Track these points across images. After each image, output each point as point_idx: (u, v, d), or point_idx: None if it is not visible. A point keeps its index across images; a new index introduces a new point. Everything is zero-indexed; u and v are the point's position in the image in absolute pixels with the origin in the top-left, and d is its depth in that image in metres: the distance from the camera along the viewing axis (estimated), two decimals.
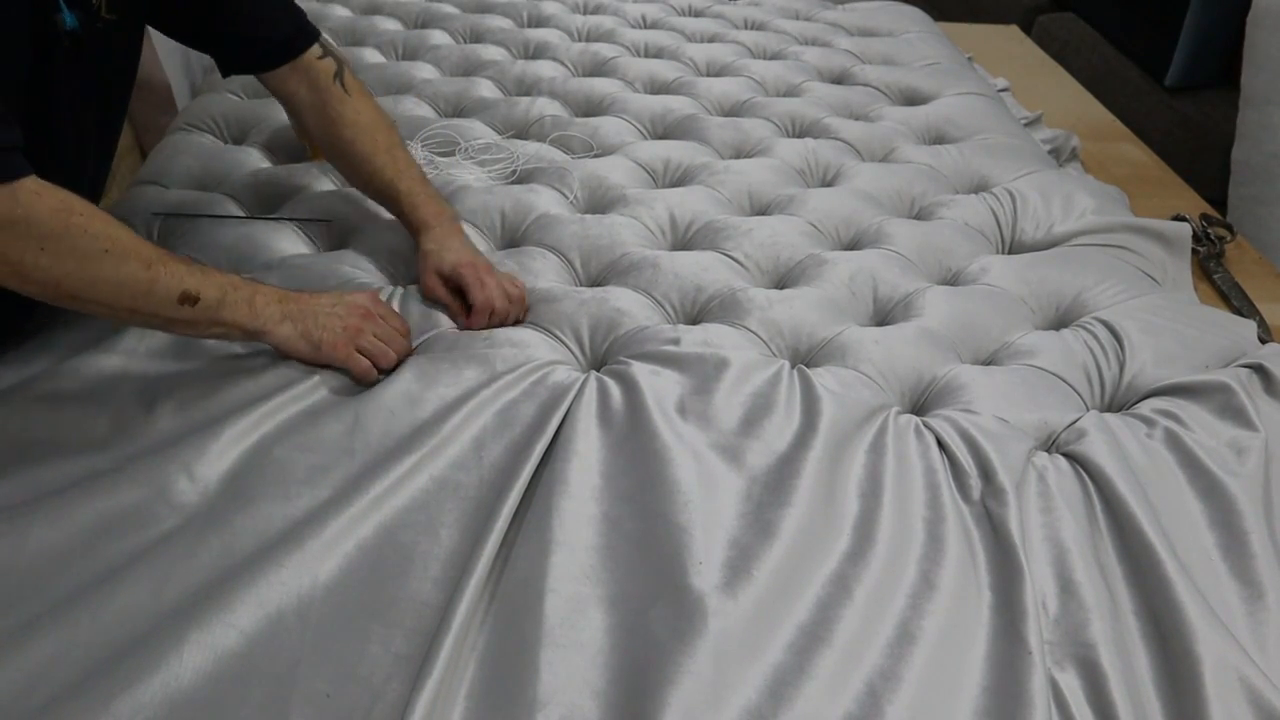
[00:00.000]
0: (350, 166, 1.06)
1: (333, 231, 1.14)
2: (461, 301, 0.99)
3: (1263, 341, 1.03)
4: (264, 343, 0.86)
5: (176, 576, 0.69)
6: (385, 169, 1.03)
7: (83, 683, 0.62)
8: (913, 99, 1.60)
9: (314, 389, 0.87)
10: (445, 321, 0.98)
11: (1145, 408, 0.91)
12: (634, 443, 0.81)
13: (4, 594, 0.68)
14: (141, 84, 1.49)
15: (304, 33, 1.02)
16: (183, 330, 0.82)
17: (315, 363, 0.88)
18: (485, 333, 0.95)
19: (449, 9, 1.83)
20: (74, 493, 0.74)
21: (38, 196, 0.71)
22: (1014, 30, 2.24)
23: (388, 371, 0.90)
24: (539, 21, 1.82)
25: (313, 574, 0.69)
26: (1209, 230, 1.32)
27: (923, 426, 0.87)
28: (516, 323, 0.99)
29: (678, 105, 1.47)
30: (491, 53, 1.63)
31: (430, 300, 1.00)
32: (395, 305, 0.99)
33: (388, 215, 1.17)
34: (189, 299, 0.78)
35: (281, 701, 0.62)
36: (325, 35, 1.05)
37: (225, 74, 1.06)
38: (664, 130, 1.44)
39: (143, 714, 0.60)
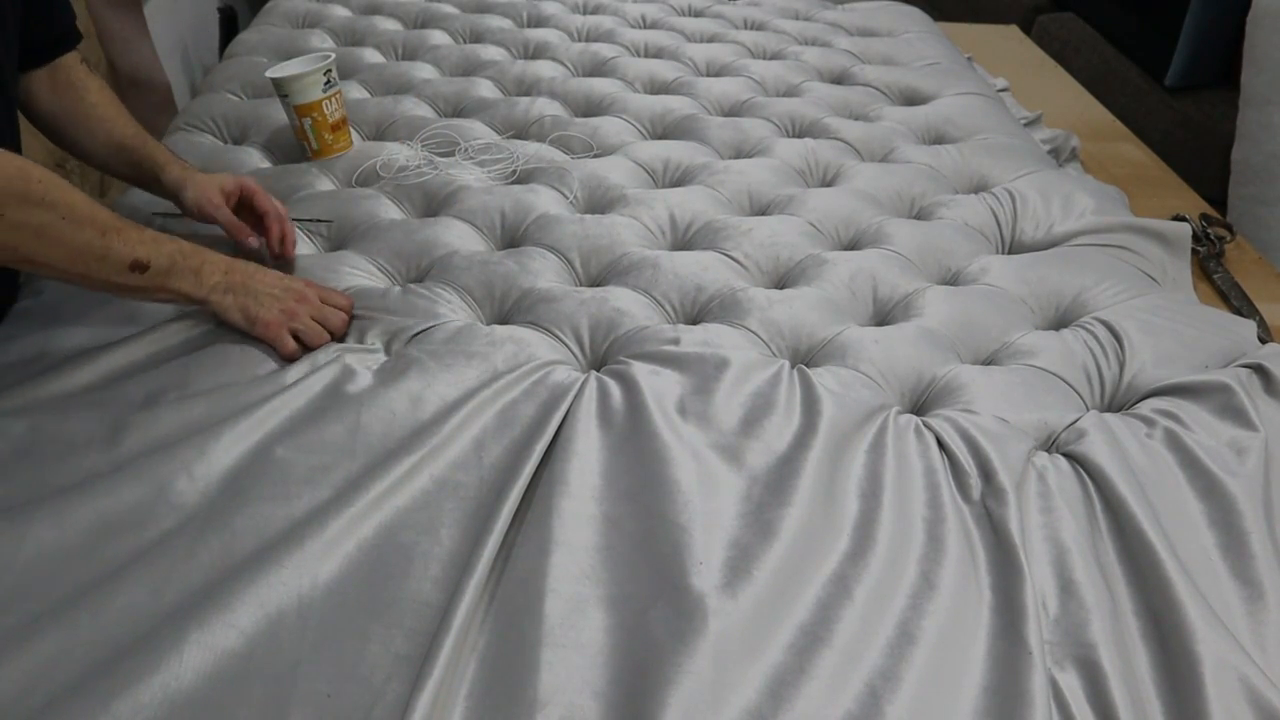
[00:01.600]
0: (90, 130, 1.02)
1: (333, 231, 1.14)
2: (249, 221, 1.03)
3: (1263, 341, 1.03)
4: (206, 310, 0.91)
5: (176, 576, 0.69)
6: (128, 127, 1.03)
7: (83, 683, 0.62)
8: (912, 99, 1.60)
9: (315, 389, 0.87)
10: (445, 312, 0.98)
11: (1145, 408, 0.91)
12: (634, 443, 0.81)
13: (4, 594, 0.68)
14: (141, 84, 1.50)
15: (74, 35, 1.03)
16: (130, 296, 0.85)
17: (248, 333, 0.92)
18: (486, 329, 0.95)
19: (449, 9, 1.83)
20: (74, 493, 0.74)
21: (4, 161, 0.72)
22: (1014, 30, 2.24)
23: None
24: (539, 21, 1.82)
25: (313, 574, 0.69)
26: (1209, 230, 1.32)
27: (923, 426, 0.87)
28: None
29: (678, 105, 1.48)
30: (491, 53, 1.63)
31: (211, 219, 1.03)
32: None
33: (389, 215, 1.17)
34: (139, 266, 0.82)
35: (281, 701, 0.62)
36: None
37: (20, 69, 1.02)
38: (664, 130, 1.44)
39: (143, 714, 0.60)
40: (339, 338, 0.95)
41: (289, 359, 0.91)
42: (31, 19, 0.94)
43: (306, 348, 0.92)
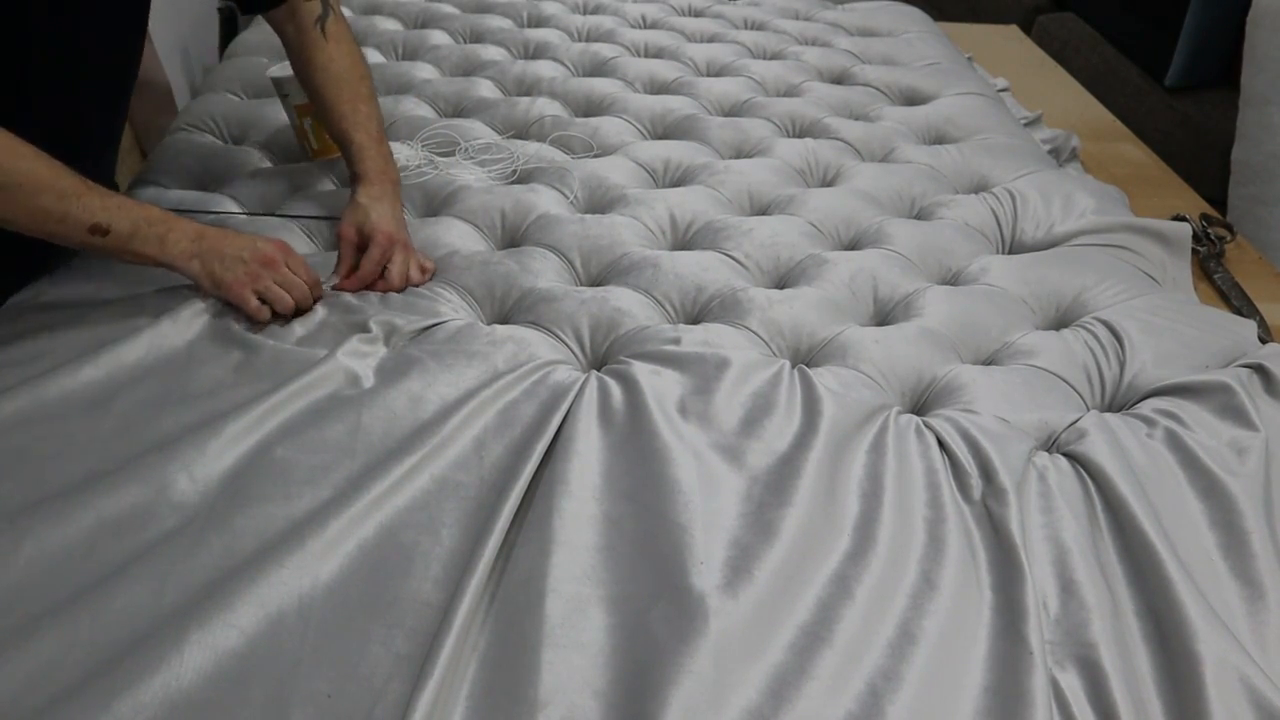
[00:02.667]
0: (320, 110, 1.10)
1: (333, 231, 1.14)
2: (356, 262, 1.03)
3: (1263, 341, 1.03)
4: (173, 272, 0.92)
5: (177, 576, 0.69)
6: (344, 118, 1.07)
7: (83, 683, 0.62)
8: (913, 99, 1.60)
9: (316, 388, 0.87)
10: (446, 312, 0.98)
11: (1146, 408, 0.91)
12: (635, 442, 0.81)
13: (4, 594, 0.68)
14: (142, 84, 1.50)
15: None
16: (99, 255, 0.88)
17: (215, 296, 0.94)
18: (487, 329, 0.95)
19: (449, 9, 1.83)
20: (74, 493, 0.74)
21: None
22: (1014, 30, 2.24)
23: (286, 318, 0.95)
24: (539, 21, 1.82)
25: (314, 574, 0.69)
26: (1209, 230, 1.32)
27: (923, 426, 0.87)
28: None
29: (678, 105, 1.47)
30: (491, 53, 1.63)
31: (336, 242, 1.05)
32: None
33: None
34: (100, 230, 0.84)
35: (282, 701, 0.62)
36: None
37: (247, 13, 1.13)
38: (664, 130, 1.44)
39: (143, 714, 0.60)
40: (303, 309, 0.96)
41: (254, 319, 0.93)
42: None
43: (274, 312, 0.94)
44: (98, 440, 0.81)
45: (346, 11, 1.78)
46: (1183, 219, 1.30)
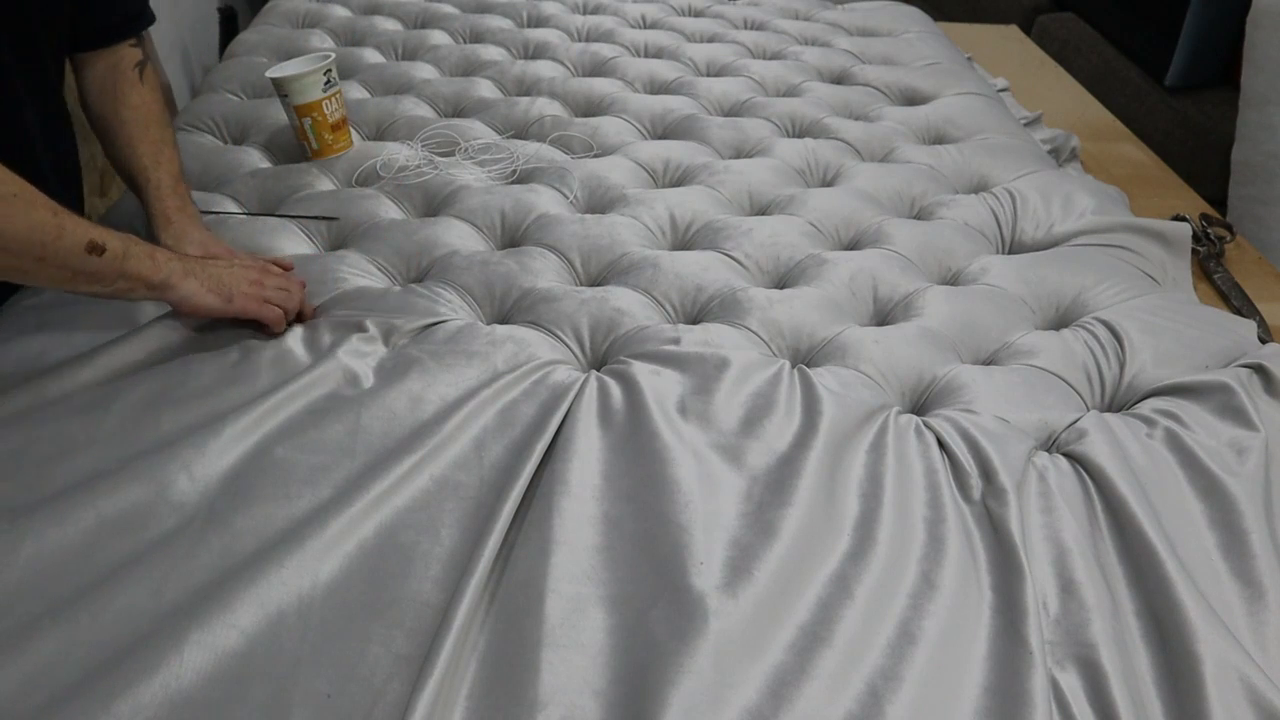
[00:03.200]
0: (114, 147, 1.05)
1: (333, 231, 1.14)
2: None
3: (1263, 341, 1.03)
4: (166, 299, 0.87)
5: (177, 576, 0.69)
6: (146, 156, 1.03)
7: (83, 683, 0.62)
8: (913, 99, 1.60)
9: (315, 388, 0.87)
10: (445, 311, 0.98)
11: (1145, 407, 0.91)
12: (634, 442, 0.81)
13: (4, 594, 0.68)
14: None
15: (144, 16, 1.06)
16: (87, 285, 0.82)
17: (226, 315, 0.90)
18: (486, 329, 0.95)
19: (449, 9, 1.83)
20: (74, 492, 0.74)
21: None
22: (1014, 30, 2.24)
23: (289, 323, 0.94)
24: (539, 21, 1.82)
25: (313, 574, 0.69)
26: (1209, 230, 1.32)
27: (923, 426, 0.87)
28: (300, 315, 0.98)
29: (678, 105, 1.48)
30: (491, 53, 1.63)
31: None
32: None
33: (389, 215, 1.17)
34: (96, 248, 0.79)
35: (282, 701, 0.62)
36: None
37: (71, 51, 1.05)
38: (664, 130, 1.44)
39: (143, 714, 0.60)
40: (302, 314, 0.96)
41: (276, 328, 0.92)
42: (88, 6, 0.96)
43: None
44: (97, 440, 0.81)
45: (345, 12, 1.79)
46: (1183, 219, 1.30)
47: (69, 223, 0.79)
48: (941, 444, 0.85)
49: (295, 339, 0.93)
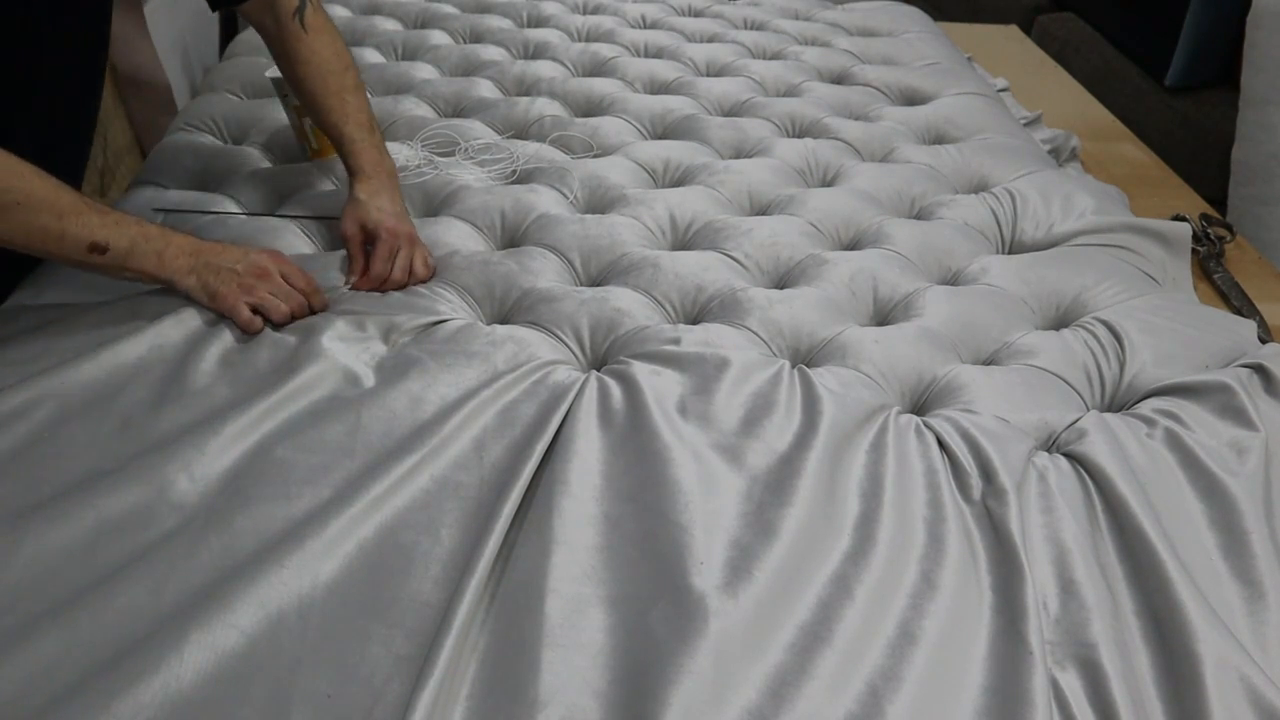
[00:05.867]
0: (304, 103, 1.10)
1: (333, 231, 1.14)
2: (367, 260, 1.02)
3: (1263, 341, 1.03)
4: (173, 289, 0.92)
5: (177, 576, 0.69)
6: (332, 111, 1.05)
7: (83, 683, 0.62)
8: (913, 99, 1.60)
9: (315, 388, 0.87)
10: (445, 311, 0.98)
11: (1145, 407, 0.91)
12: (635, 442, 0.81)
13: (4, 594, 0.68)
14: (142, 84, 1.50)
15: None
16: (95, 273, 0.87)
17: (211, 309, 0.93)
18: (486, 329, 0.95)
19: (449, 9, 1.83)
20: (74, 492, 0.74)
21: None
22: (1014, 30, 2.24)
23: (277, 325, 0.94)
24: (539, 21, 1.82)
25: (313, 574, 0.69)
26: (1209, 230, 1.32)
27: (923, 426, 0.87)
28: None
29: (678, 105, 1.47)
30: (491, 53, 1.63)
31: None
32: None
33: None
34: (98, 249, 0.83)
35: (282, 701, 0.62)
36: None
37: (220, 7, 1.09)
38: (664, 130, 1.44)
39: (143, 714, 0.60)
40: (299, 317, 0.96)
41: (247, 330, 0.93)
42: None
43: (268, 320, 0.94)
44: (97, 440, 0.81)
45: (345, 12, 1.79)
46: (1183, 219, 1.30)
47: (72, 226, 0.81)
48: (941, 444, 0.85)
49: (295, 339, 0.93)
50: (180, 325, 0.93)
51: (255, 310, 0.93)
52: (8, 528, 0.71)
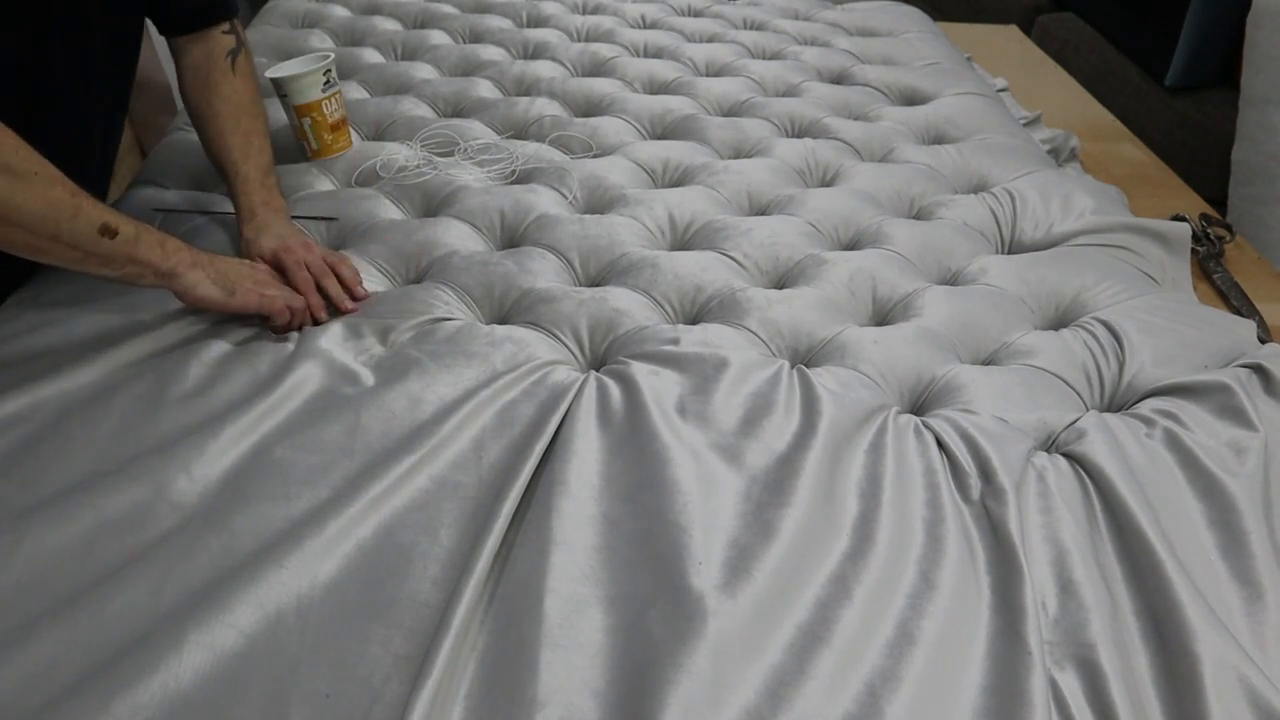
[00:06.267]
0: (206, 137, 1.08)
1: (332, 231, 1.14)
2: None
3: (1262, 341, 1.03)
4: (171, 287, 0.88)
5: (176, 576, 0.69)
6: (235, 148, 1.06)
7: (82, 683, 0.62)
8: (912, 99, 1.60)
9: (314, 389, 0.87)
10: (444, 312, 0.98)
11: (1145, 408, 0.91)
12: (633, 443, 0.81)
13: (4, 594, 0.68)
14: (141, 84, 1.50)
15: (229, 4, 1.08)
16: (96, 267, 0.83)
17: (227, 309, 0.91)
18: (485, 329, 0.95)
19: (448, 9, 1.83)
20: (74, 492, 0.74)
21: None
22: (1014, 30, 2.24)
23: (289, 328, 0.94)
24: (538, 21, 1.82)
25: (312, 574, 0.69)
26: (1208, 230, 1.32)
27: (922, 426, 0.87)
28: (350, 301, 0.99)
29: (677, 105, 1.47)
30: (491, 53, 1.63)
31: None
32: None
33: (388, 215, 1.17)
34: (109, 231, 0.81)
35: (281, 702, 0.62)
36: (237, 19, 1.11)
37: (165, 34, 1.08)
38: (663, 130, 1.44)
39: (142, 714, 0.60)
40: (317, 320, 0.96)
41: (280, 318, 0.92)
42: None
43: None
44: (97, 440, 0.81)
45: (345, 12, 1.79)
46: (1182, 219, 1.30)
47: (86, 204, 0.80)
48: (940, 444, 0.85)
49: (295, 339, 0.93)
50: (179, 326, 0.93)
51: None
52: (8, 528, 0.71)
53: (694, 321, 1.02)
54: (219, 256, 0.93)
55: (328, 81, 1.24)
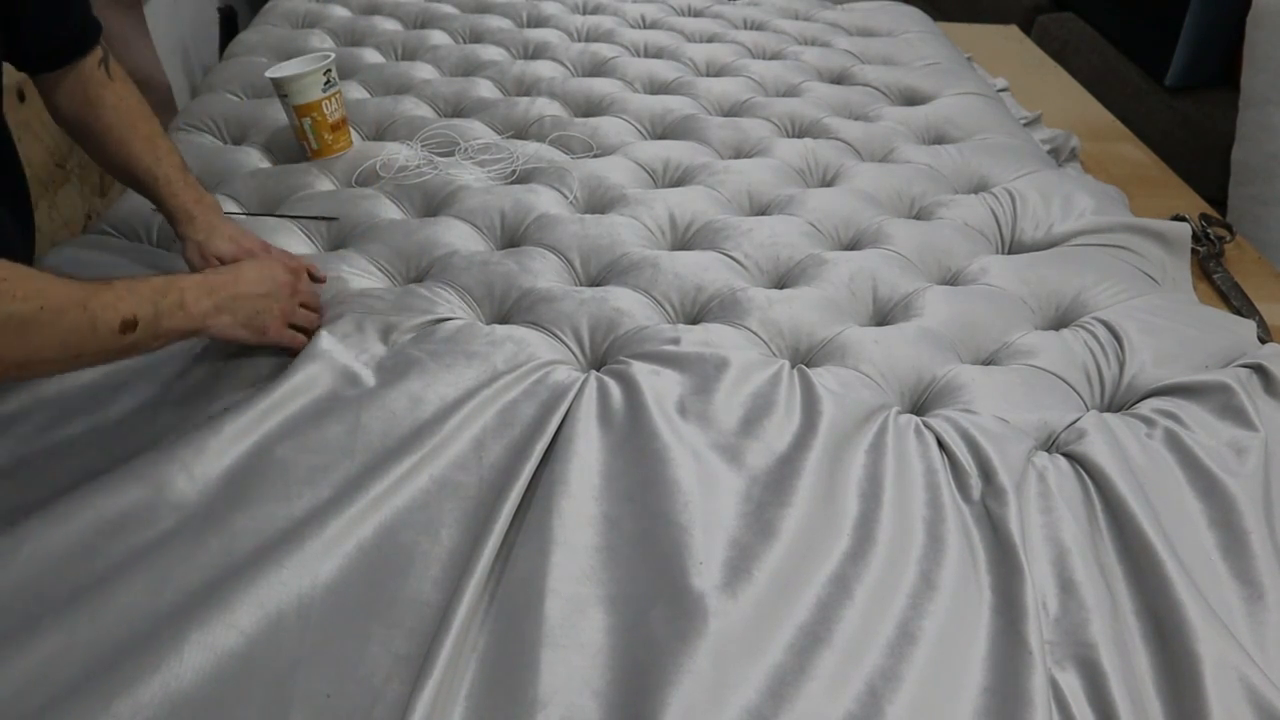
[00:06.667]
0: (105, 151, 0.99)
1: (332, 231, 1.14)
2: None
3: (1262, 341, 1.03)
4: (204, 336, 0.84)
5: (176, 576, 0.69)
6: (144, 155, 0.99)
7: (82, 683, 0.62)
8: (912, 99, 1.60)
9: (315, 388, 0.87)
10: (445, 311, 0.98)
11: (1145, 407, 0.91)
12: (634, 443, 0.81)
13: (4, 594, 0.68)
14: (141, 84, 1.50)
15: (90, 27, 0.97)
16: (128, 356, 0.77)
17: (259, 345, 0.90)
18: (486, 329, 0.95)
19: (448, 9, 1.83)
20: (75, 492, 0.74)
21: None
22: (1014, 30, 2.24)
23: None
24: (538, 21, 1.82)
25: (313, 574, 0.69)
26: (1208, 230, 1.32)
27: (923, 426, 0.87)
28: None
29: (677, 105, 1.47)
30: (491, 53, 1.63)
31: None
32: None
33: (389, 215, 1.17)
34: (128, 326, 0.74)
35: (281, 701, 0.62)
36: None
37: (31, 74, 0.97)
38: (663, 130, 1.44)
39: (142, 714, 0.60)
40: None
41: (298, 348, 0.91)
42: (36, 21, 0.88)
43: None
44: (97, 440, 0.81)
45: (345, 12, 1.79)
46: (1182, 219, 1.30)
47: (96, 307, 0.72)
48: (941, 444, 0.85)
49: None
50: None
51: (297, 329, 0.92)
52: (8, 528, 0.71)
53: (694, 321, 1.02)
54: (235, 282, 0.86)
55: (328, 81, 1.24)
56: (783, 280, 1.10)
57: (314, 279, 1.00)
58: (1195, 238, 1.28)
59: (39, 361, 0.70)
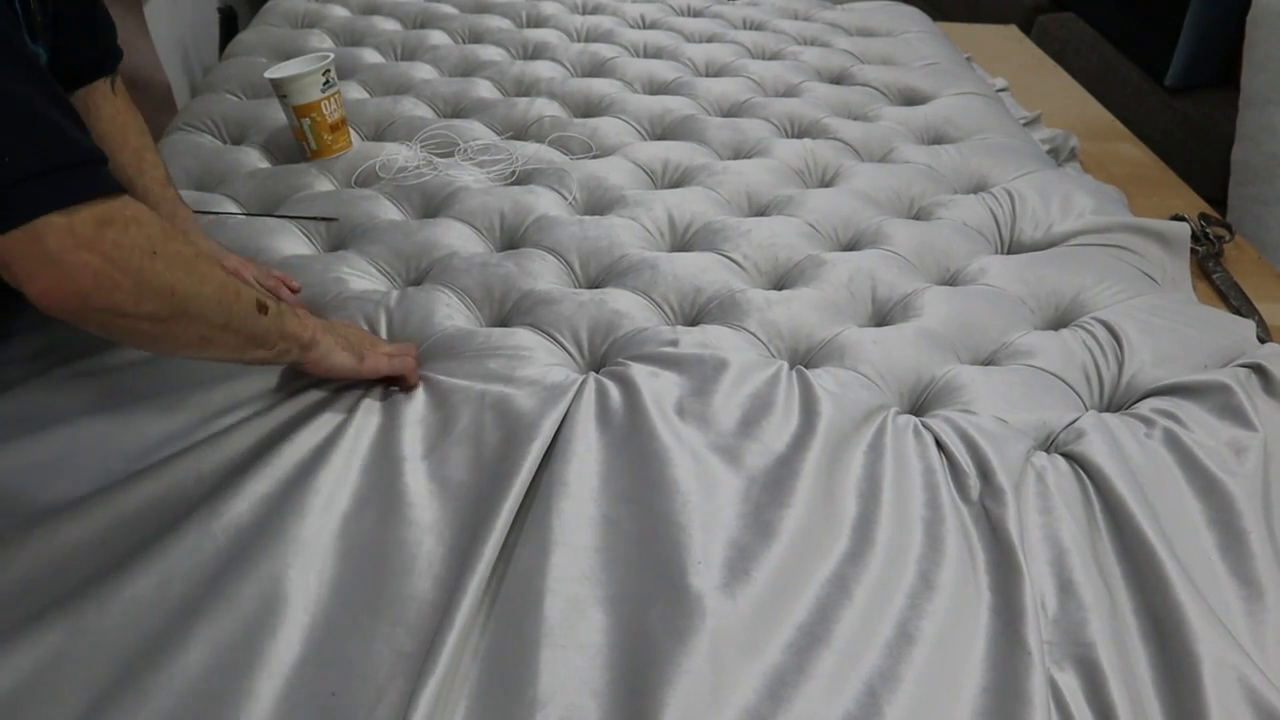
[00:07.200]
0: None
1: (332, 231, 1.14)
2: None
3: (1262, 341, 1.03)
4: (308, 358, 0.81)
5: (183, 571, 0.69)
6: (128, 166, 1.01)
7: (89, 676, 0.62)
8: (912, 99, 1.60)
9: (319, 386, 0.87)
10: (444, 323, 0.98)
11: (1144, 407, 0.91)
12: (633, 443, 0.81)
13: (12, 588, 0.68)
14: (141, 84, 1.50)
15: (116, 53, 1.00)
16: (251, 351, 0.76)
17: (358, 375, 0.85)
18: (485, 331, 0.95)
19: (448, 9, 1.83)
20: (87, 488, 0.75)
21: (135, 201, 0.67)
22: (1014, 30, 2.24)
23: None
24: (538, 22, 1.82)
25: (318, 571, 0.69)
26: (1208, 230, 1.32)
27: (921, 427, 0.87)
28: None
29: (676, 106, 1.47)
30: (490, 53, 1.63)
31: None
32: (395, 306, 0.99)
33: (388, 216, 1.17)
34: (262, 308, 0.74)
35: (286, 699, 0.63)
36: None
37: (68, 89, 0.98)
38: (663, 131, 1.44)
39: (149, 706, 0.60)
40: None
41: (411, 379, 0.88)
42: (68, 38, 0.89)
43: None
44: (104, 438, 0.81)
45: (345, 12, 1.79)
46: (1182, 219, 1.30)
47: (237, 281, 0.73)
48: (940, 444, 0.85)
49: None
50: None
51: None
52: (16, 523, 0.72)
53: (693, 323, 1.02)
54: (323, 319, 0.86)
55: (327, 82, 1.24)
56: (781, 281, 1.10)
57: (290, 289, 0.99)
58: (1195, 237, 1.28)
59: (197, 314, 0.68)
